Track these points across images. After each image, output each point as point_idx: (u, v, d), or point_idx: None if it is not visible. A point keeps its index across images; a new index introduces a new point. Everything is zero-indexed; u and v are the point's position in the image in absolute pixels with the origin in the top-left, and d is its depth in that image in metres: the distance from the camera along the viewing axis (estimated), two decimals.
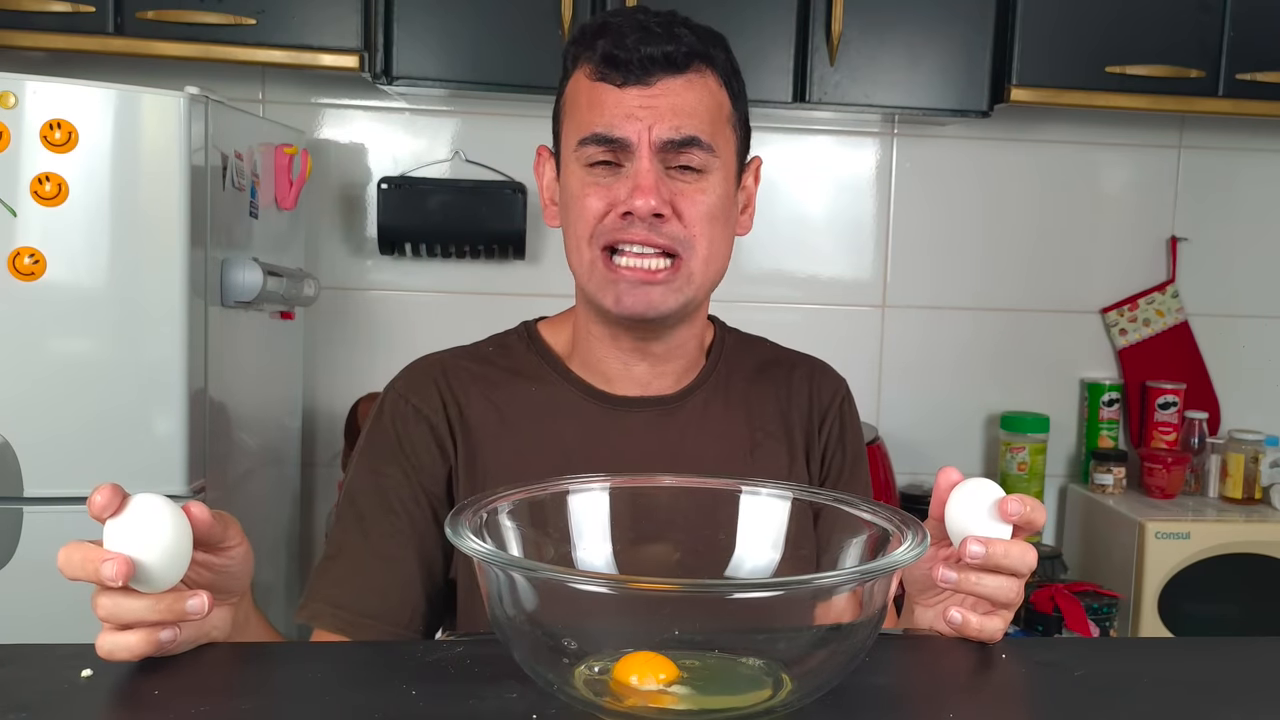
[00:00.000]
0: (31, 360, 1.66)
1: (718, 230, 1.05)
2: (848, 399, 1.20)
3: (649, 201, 1.00)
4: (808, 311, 2.49)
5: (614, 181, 1.02)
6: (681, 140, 1.01)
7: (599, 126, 1.01)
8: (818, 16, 2.09)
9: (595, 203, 1.03)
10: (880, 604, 0.67)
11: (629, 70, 1.01)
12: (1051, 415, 2.53)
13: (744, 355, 1.19)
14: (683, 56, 1.02)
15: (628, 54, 1.00)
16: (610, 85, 1.02)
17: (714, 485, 0.84)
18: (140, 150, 1.67)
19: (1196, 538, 2.23)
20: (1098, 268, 2.57)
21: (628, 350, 1.10)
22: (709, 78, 1.04)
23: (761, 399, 1.15)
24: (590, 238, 1.03)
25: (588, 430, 1.09)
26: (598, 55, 1.02)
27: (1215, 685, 0.78)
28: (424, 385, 1.10)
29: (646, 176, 1.00)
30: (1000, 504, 0.82)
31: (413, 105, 2.37)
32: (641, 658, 0.66)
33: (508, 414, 1.09)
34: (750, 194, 1.14)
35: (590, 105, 1.03)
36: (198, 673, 0.75)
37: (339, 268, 2.39)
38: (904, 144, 2.50)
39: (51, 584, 1.66)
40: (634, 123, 1.00)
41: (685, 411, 1.12)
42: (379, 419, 1.10)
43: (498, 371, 1.12)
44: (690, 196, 1.03)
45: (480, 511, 0.73)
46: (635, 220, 1.01)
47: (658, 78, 1.01)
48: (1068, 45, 2.13)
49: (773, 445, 1.13)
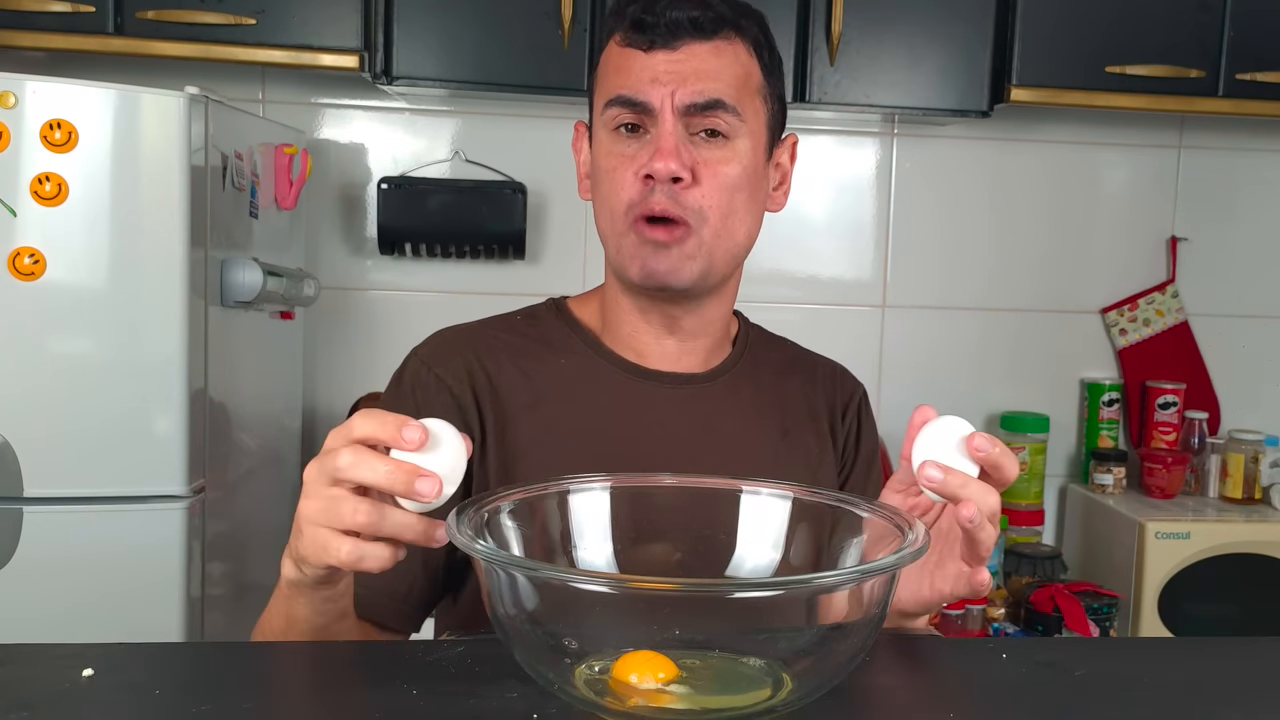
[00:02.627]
0: (31, 360, 1.66)
1: (739, 201, 1.05)
2: (865, 401, 1.21)
3: (668, 164, 1.00)
4: (808, 311, 2.49)
5: (639, 149, 1.03)
6: (705, 103, 1.01)
7: (624, 89, 1.02)
8: (818, 16, 2.09)
9: (621, 173, 1.03)
10: (880, 604, 0.67)
11: (655, 33, 1.02)
12: (1051, 415, 2.53)
13: (769, 349, 1.19)
14: (710, 22, 1.02)
15: (655, 17, 1.01)
16: (637, 50, 1.02)
17: (714, 485, 0.84)
18: (140, 150, 1.67)
19: (1196, 538, 2.23)
20: (1098, 268, 2.57)
21: (657, 325, 1.10)
22: (738, 46, 1.04)
23: (789, 390, 1.16)
24: (624, 208, 1.03)
25: (620, 403, 1.08)
26: (627, 21, 1.03)
27: (1215, 685, 0.78)
28: (450, 355, 1.08)
29: (667, 139, 1.00)
30: (968, 439, 0.80)
31: (413, 105, 2.37)
32: (641, 657, 0.66)
33: (539, 384, 1.08)
34: (786, 171, 1.13)
35: (617, 69, 1.04)
36: (198, 673, 0.75)
37: (339, 268, 2.39)
38: (904, 144, 2.50)
39: (51, 584, 1.68)
40: (658, 87, 1.01)
41: (716, 391, 1.12)
42: (399, 386, 1.08)
43: (528, 342, 1.11)
44: (711, 165, 1.02)
45: (481, 511, 0.73)
46: (657, 186, 1.01)
47: (684, 42, 1.02)
48: (1068, 45, 2.13)
49: (802, 434, 1.14)
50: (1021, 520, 2.48)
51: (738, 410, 1.12)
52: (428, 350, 1.09)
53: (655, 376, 1.10)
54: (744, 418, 1.12)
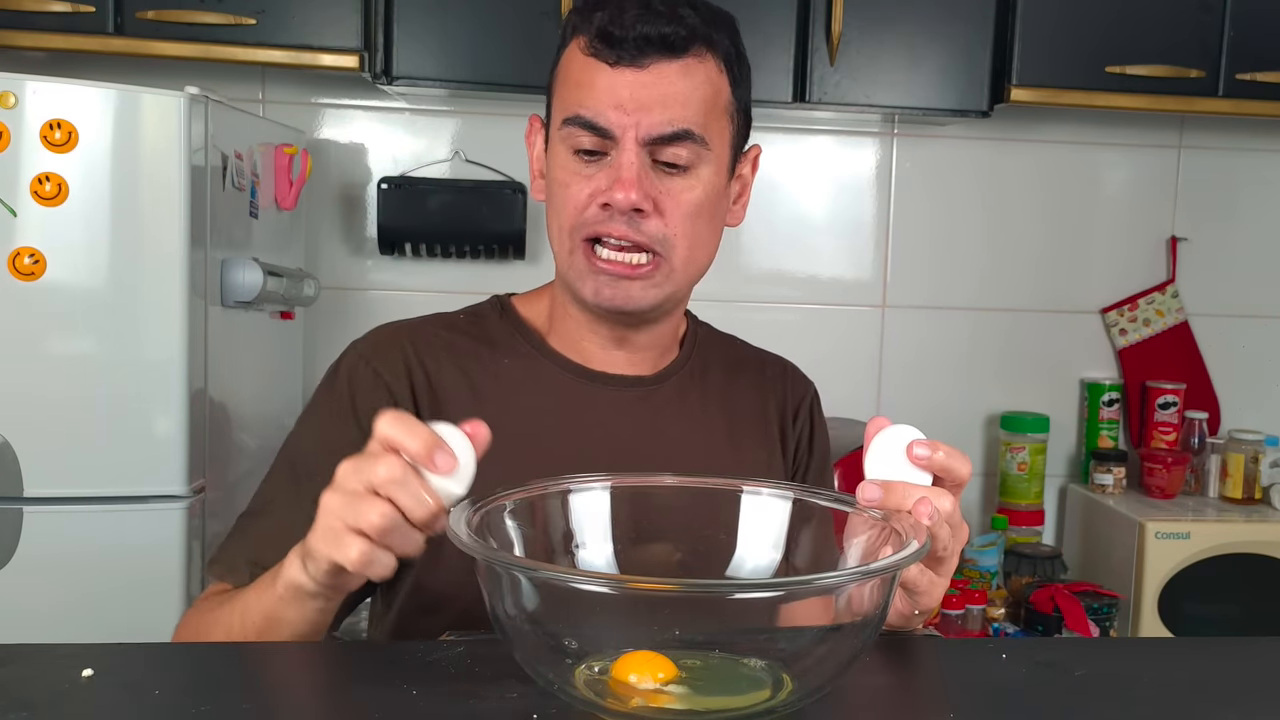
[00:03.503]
0: (31, 360, 1.66)
1: (701, 226, 1.02)
2: (816, 401, 1.20)
3: (629, 195, 0.97)
4: (808, 311, 2.49)
5: (597, 171, 1.00)
6: (671, 134, 0.98)
7: (584, 109, 0.98)
8: (818, 16, 2.09)
9: (576, 192, 1.00)
10: (880, 604, 0.67)
11: (623, 49, 0.97)
12: (1051, 415, 2.53)
13: (717, 349, 1.18)
14: (681, 40, 0.97)
15: (623, 31, 0.96)
16: (602, 63, 0.98)
17: (715, 485, 0.84)
18: (140, 150, 1.67)
19: (1196, 538, 2.23)
20: (1098, 268, 2.57)
21: (605, 338, 1.08)
22: (708, 63, 1.00)
23: (737, 392, 1.14)
24: (572, 228, 1.01)
25: (564, 406, 1.07)
26: (594, 29, 0.98)
27: (1215, 685, 0.78)
28: (389, 350, 1.05)
29: (629, 170, 0.97)
30: (907, 448, 0.77)
31: (413, 105, 2.37)
32: (640, 657, 0.66)
33: (480, 385, 1.06)
34: (746, 183, 1.11)
35: (580, 83, 0.99)
36: (198, 673, 0.75)
37: (339, 268, 2.39)
38: (904, 144, 2.50)
39: (51, 584, 1.68)
40: (621, 114, 0.97)
41: (662, 394, 1.11)
42: (334, 379, 1.05)
43: (470, 341, 1.08)
44: (674, 195, 1.00)
45: (481, 511, 0.73)
46: (615, 213, 0.98)
47: (652, 60, 0.97)
48: (1068, 45, 2.13)
49: (751, 437, 1.13)
50: (1021, 520, 2.48)
51: (684, 414, 1.10)
52: (367, 344, 1.07)
53: (600, 379, 1.08)
54: (691, 421, 1.10)
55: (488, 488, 0.76)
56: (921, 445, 0.78)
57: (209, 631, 0.92)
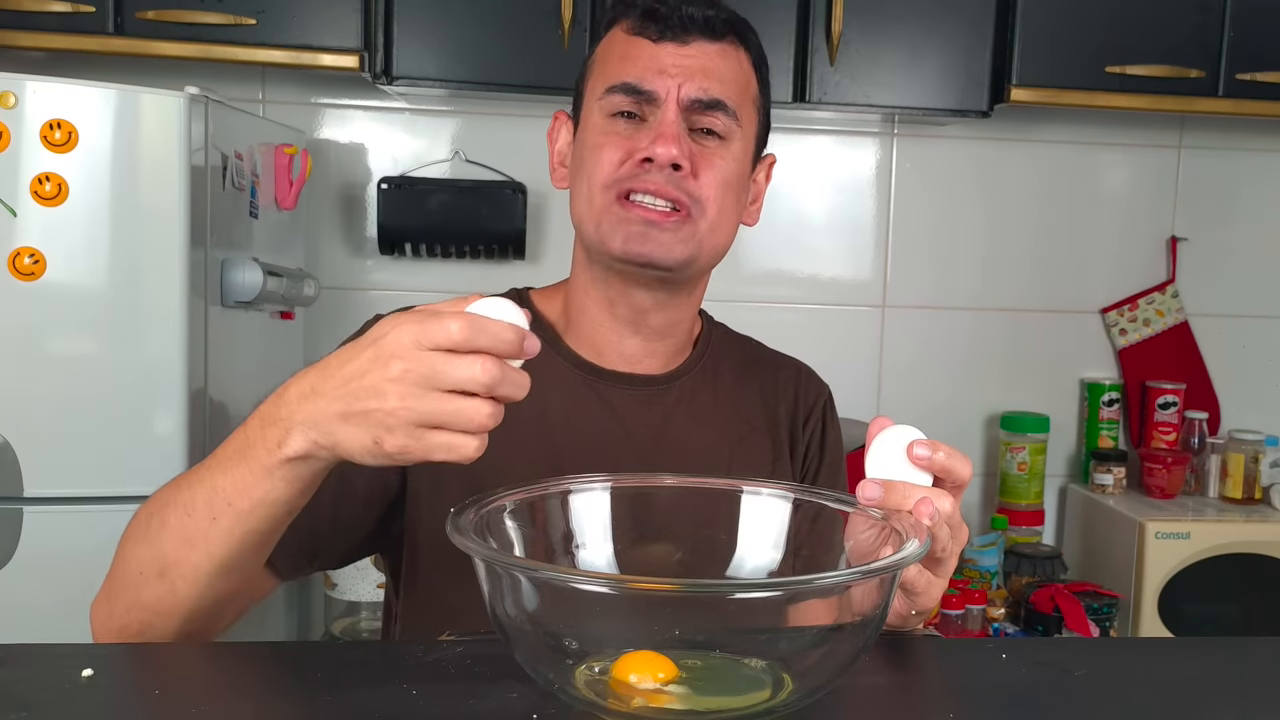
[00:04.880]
0: (31, 360, 1.66)
1: (729, 200, 1.05)
2: (830, 404, 1.20)
3: (670, 150, 1.00)
4: (808, 311, 2.49)
5: (635, 133, 1.02)
6: (709, 101, 1.02)
7: (629, 76, 1.02)
8: (818, 16, 2.09)
9: (613, 152, 1.02)
10: (881, 604, 0.67)
11: (667, 25, 1.02)
12: (1051, 415, 2.53)
13: (731, 350, 1.18)
14: (721, 24, 1.04)
15: (668, 10, 1.03)
16: (646, 39, 1.03)
17: (715, 485, 0.84)
18: (140, 150, 1.67)
19: (1196, 538, 2.23)
20: (1098, 268, 2.57)
21: (623, 319, 1.09)
22: (741, 55, 1.06)
23: (748, 394, 1.15)
24: (606, 184, 1.02)
25: (574, 402, 1.07)
26: (638, 11, 1.04)
27: (1215, 685, 0.78)
28: None
29: (671, 126, 1.01)
30: (908, 448, 0.78)
31: (413, 105, 2.37)
32: (640, 657, 0.66)
33: None
34: (760, 189, 1.14)
35: (623, 57, 1.04)
36: (198, 673, 0.75)
37: (339, 268, 2.39)
38: (904, 144, 2.50)
39: (51, 584, 1.67)
40: (664, 79, 1.02)
41: (672, 395, 1.11)
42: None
43: None
44: (709, 159, 1.03)
45: (481, 511, 0.73)
46: (653, 169, 1.00)
47: (694, 38, 1.03)
48: (1068, 45, 2.13)
49: (758, 440, 1.13)
50: (1021, 520, 2.48)
51: (693, 414, 1.11)
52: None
53: (611, 377, 1.09)
54: (698, 422, 1.11)
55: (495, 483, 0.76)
56: (922, 445, 0.78)
57: (163, 521, 0.89)
